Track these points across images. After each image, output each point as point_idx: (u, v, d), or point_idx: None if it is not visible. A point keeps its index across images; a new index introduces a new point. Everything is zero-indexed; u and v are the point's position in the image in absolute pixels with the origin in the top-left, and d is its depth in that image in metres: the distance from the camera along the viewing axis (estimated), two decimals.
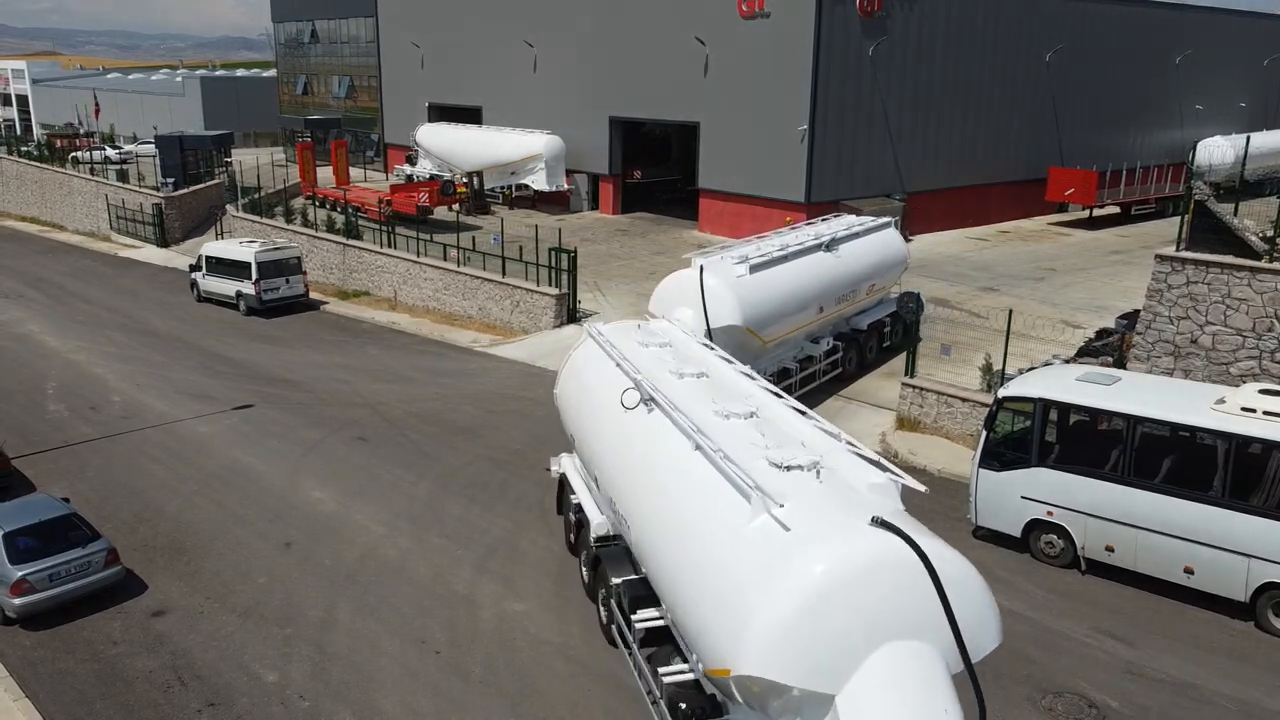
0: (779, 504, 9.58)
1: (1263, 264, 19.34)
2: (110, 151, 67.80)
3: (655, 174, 52.07)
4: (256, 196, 46.79)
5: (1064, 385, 16.47)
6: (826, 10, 37.63)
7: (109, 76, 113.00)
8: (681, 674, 11.36)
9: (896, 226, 28.55)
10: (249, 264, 34.14)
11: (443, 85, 58.25)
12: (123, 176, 52.82)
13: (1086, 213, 46.85)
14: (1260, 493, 14.34)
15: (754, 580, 9.13)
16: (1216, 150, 39.85)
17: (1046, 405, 16.33)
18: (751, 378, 14.01)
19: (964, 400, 21.19)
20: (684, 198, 48.35)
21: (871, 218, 28.15)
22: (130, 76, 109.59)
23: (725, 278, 20.89)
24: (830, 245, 24.49)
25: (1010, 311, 22.19)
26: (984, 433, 17.07)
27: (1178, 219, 25.03)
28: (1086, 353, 23.57)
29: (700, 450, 11.19)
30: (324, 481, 20.30)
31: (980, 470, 17.06)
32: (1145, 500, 15.22)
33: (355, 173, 59.57)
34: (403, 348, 30.50)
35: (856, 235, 25.88)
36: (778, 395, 13.04)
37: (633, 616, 12.63)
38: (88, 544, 15.80)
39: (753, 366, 16.16)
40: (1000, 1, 43.93)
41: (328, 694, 13.47)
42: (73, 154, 61.54)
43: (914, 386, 22.06)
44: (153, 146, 57.94)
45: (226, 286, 35.31)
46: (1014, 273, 36.15)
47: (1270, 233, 20.40)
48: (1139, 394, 15.85)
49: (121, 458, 21.70)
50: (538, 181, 47.59)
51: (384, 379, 27.04)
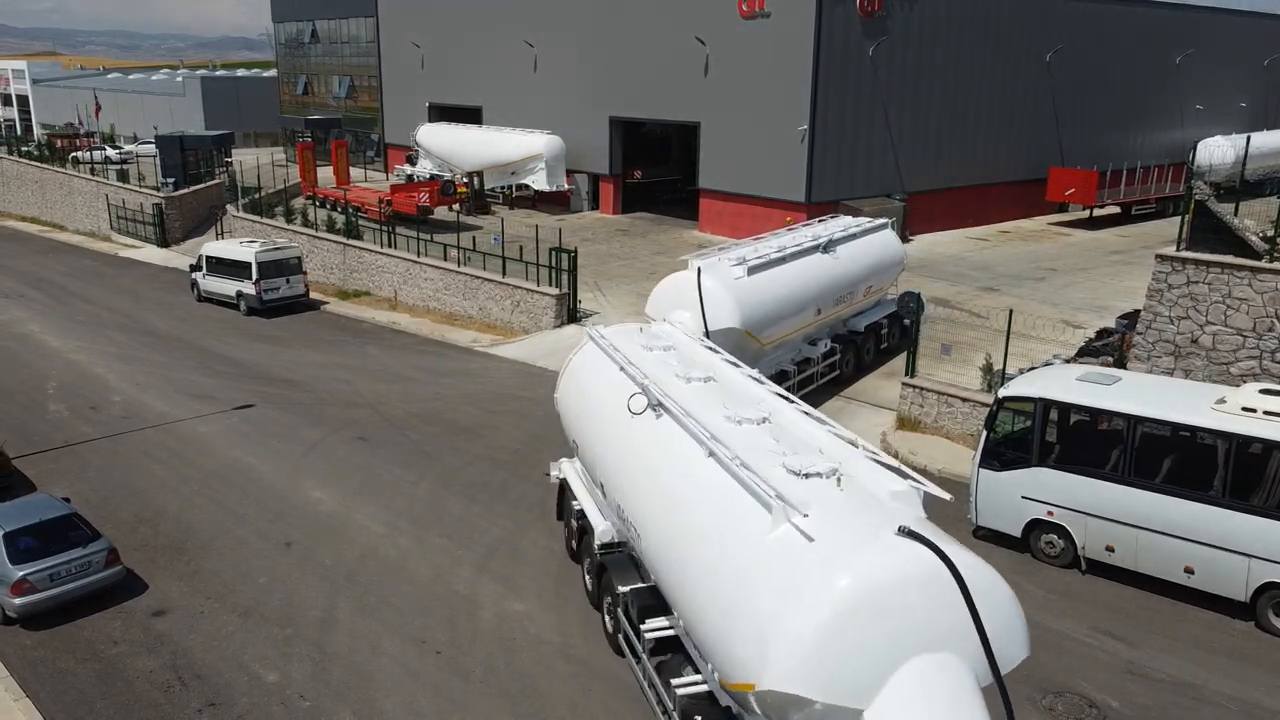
0: (803, 513, 9.36)
1: (1263, 264, 19.34)
2: (110, 151, 67.77)
3: (655, 174, 52.04)
4: (257, 196, 46.78)
5: (1064, 385, 16.46)
6: (827, 10, 37.63)
7: (109, 76, 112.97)
8: (695, 685, 11.13)
9: (894, 227, 28.49)
10: (249, 264, 34.16)
11: (443, 85, 58.25)
12: (123, 176, 52.83)
13: (1087, 213, 46.84)
14: (1261, 492, 14.34)
15: (778, 592, 8.92)
16: (1217, 150, 39.90)
17: (1047, 405, 16.32)
18: (760, 381, 13.75)
19: (964, 400, 21.18)
20: (684, 198, 48.34)
21: (868, 219, 28.07)
22: (130, 76, 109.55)
23: (723, 280, 20.70)
24: (828, 247, 24.39)
25: (1010, 311, 22.16)
26: (984, 433, 17.07)
27: (1178, 219, 25.01)
28: (1087, 353, 23.58)
29: (714, 457, 10.96)
30: (324, 481, 20.31)
31: (980, 470, 17.06)
32: (1146, 500, 15.22)
33: (355, 173, 59.58)
34: (403, 348, 30.51)
35: (854, 236, 25.79)
36: (788, 400, 12.81)
37: (642, 626, 12.39)
38: (88, 544, 15.81)
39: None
40: (1000, 1, 43.93)
41: (328, 694, 13.47)
42: (73, 154, 61.53)
43: (914, 386, 22.05)
44: (153, 146, 57.95)
45: (227, 286, 35.33)
46: (1014, 273, 36.15)
47: (1270, 232, 20.40)
48: (1139, 394, 15.85)
49: (122, 458, 21.71)
50: (538, 181, 47.59)
51: (384, 379, 27.05)
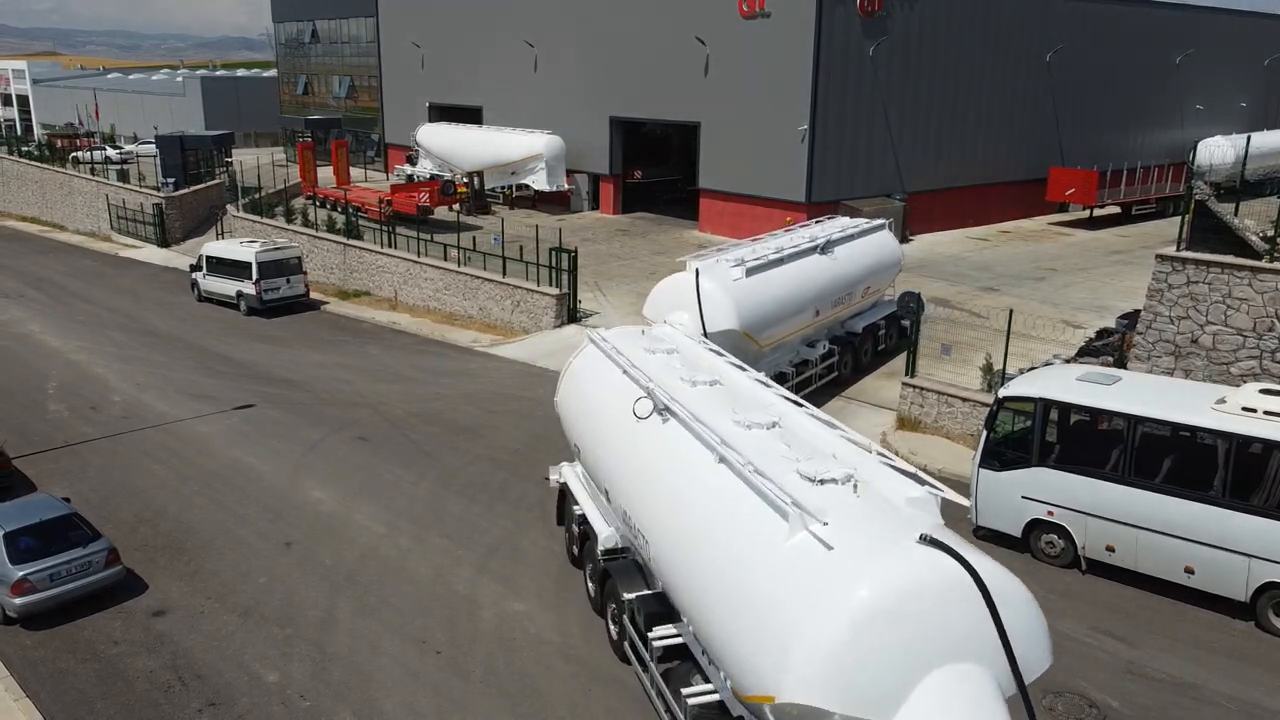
0: (822, 521, 9.18)
1: (1263, 264, 19.33)
2: (111, 151, 67.77)
3: (655, 174, 52.05)
4: (257, 196, 46.78)
5: (1064, 385, 16.46)
6: (827, 10, 37.64)
7: (109, 76, 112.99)
8: (707, 695, 10.97)
9: (891, 228, 28.44)
10: (250, 264, 34.15)
11: (443, 85, 58.27)
12: (123, 176, 52.82)
13: (1087, 213, 46.85)
14: (1261, 492, 14.34)
15: (797, 602, 8.75)
16: (1217, 150, 39.96)
17: (1047, 405, 16.31)
18: (767, 385, 13.55)
19: (964, 400, 21.18)
20: (684, 198, 48.36)
21: (866, 220, 28.01)
22: (131, 76, 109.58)
23: (721, 281, 20.59)
24: (825, 248, 24.32)
25: (1011, 311, 22.16)
26: (984, 432, 17.07)
27: (1178, 219, 25.01)
28: (1087, 352, 23.57)
29: (725, 463, 10.79)
30: (325, 481, 20.31)
31: (980, 470, 17.05)
32: (1146, 500, 15.22)
33: (356, 173, 59.60)
34: (403, 347, 30.51)
35: (852, 237, 25.73)
36: (797, 404, 12.62)
37: (649, 633, 12.22)
38: (88, 544, 15.80)
39: None
40: (1001, 1, 43.94)
41: (328, 694, 13.47)
42: (73, 154, 61.54)
43: (914, 386, 22.05)
44: (153, 146, 57.96)
45: (227, 286, 35.32)
46: (1014, 272, 36.15)
47: (1271, 232, 20.39)
48: (1139, 394, 15.84)
49: (122, 458, 21.71)
50: (538, 181, 47.59)
51: (384, 379, 27.05)
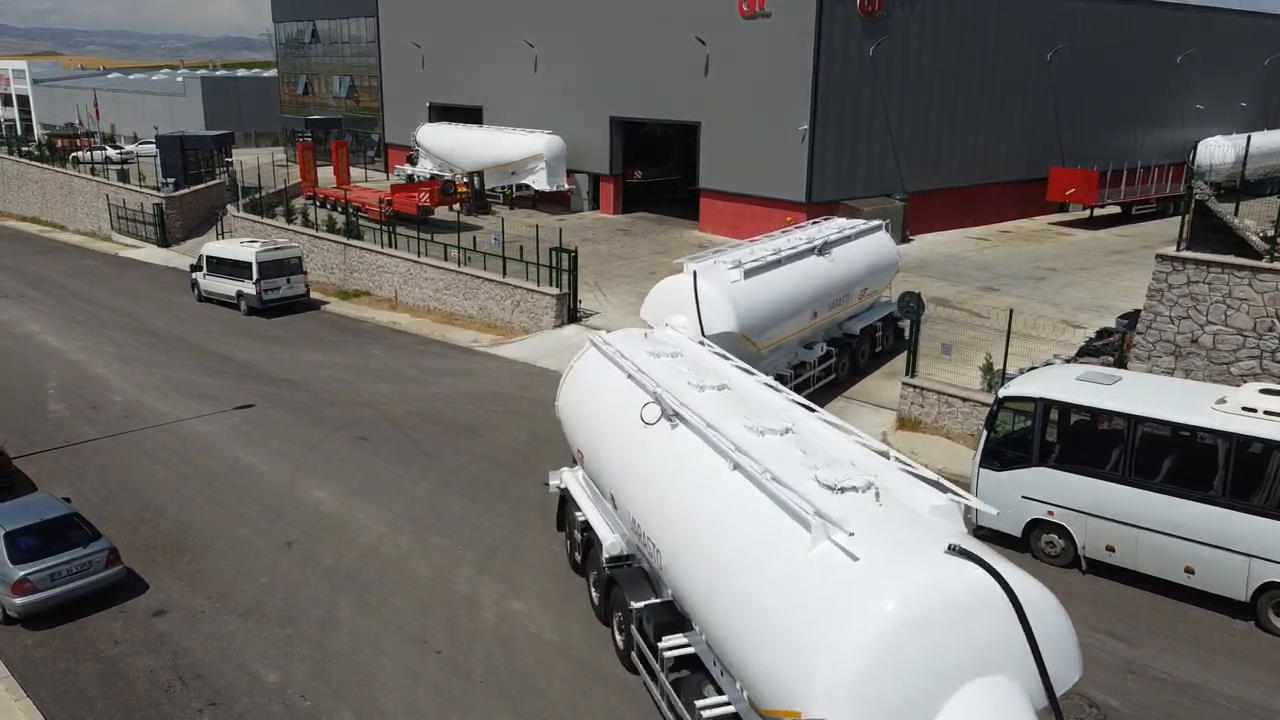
0: (847, 531, 8.97)
1: (1263, 264, 19.33)
2: (111, 151, 67.80)
3: (656, 174, 52.05)
4: (257, 196, 46.81)
5: (1064, 385, 16.46)
6: (827, 10, 37.64)
7: (110, 76, 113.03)
8: (722, 707, 10.75)
9: (888, 229, 28.39)
10: (250, 264, 34.16)
11: (443, 85, 58.27)
12: (123, 176, 52.85)
13: (1087, 212, 46.85)
14: (1261, 492, 14.34)
15: (823, 615, 8.54)
16: (1217, 150, 39.99)
17: (1047, 405, 16.31)
18: (776, 389, 13.31)
19: (964, 400, 21.18)
20: (684, 198, 48.36)
21: (863, 221, 27.97)
22: (131, 76, 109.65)
23: (719, 283, 20.51)
24: (823, 249, 24.29)
25: (1011, 311, 22.17)
26: (984, 432, 17.07)
27: (1178, 219, 25.00)
28: (1087, 352, 23.55)
29: (740, 470, 10.57)
30: (325, 481, 20.32)
31: (981, 470, 17.06)
32: (1146, 500, 15.22)
33: (356, 173, 59.59)
34: (404, 347, 30.51)
35: (849, 239, 25.71)
36: (809, 409, 12.35)
37: (659, 643, 11.98)
38: (89, 544, 15.81)
39: None
40: (1001, 1, 43.94)
41: (329, 693, 13.48)
42: (73, 154, 61.58)
43: (914, 386, 22.06)
44: (153, 146, 57.99)
45: (227, 286, 35.34)
46: (1015, 272, 36.15)
47: (1271, 232, 20.39)
48: (1140, 394, 15.84)
49: (122, 457, 21.72)
50: (538, 181, 47.60)
51: (385, 379, 27.05)
